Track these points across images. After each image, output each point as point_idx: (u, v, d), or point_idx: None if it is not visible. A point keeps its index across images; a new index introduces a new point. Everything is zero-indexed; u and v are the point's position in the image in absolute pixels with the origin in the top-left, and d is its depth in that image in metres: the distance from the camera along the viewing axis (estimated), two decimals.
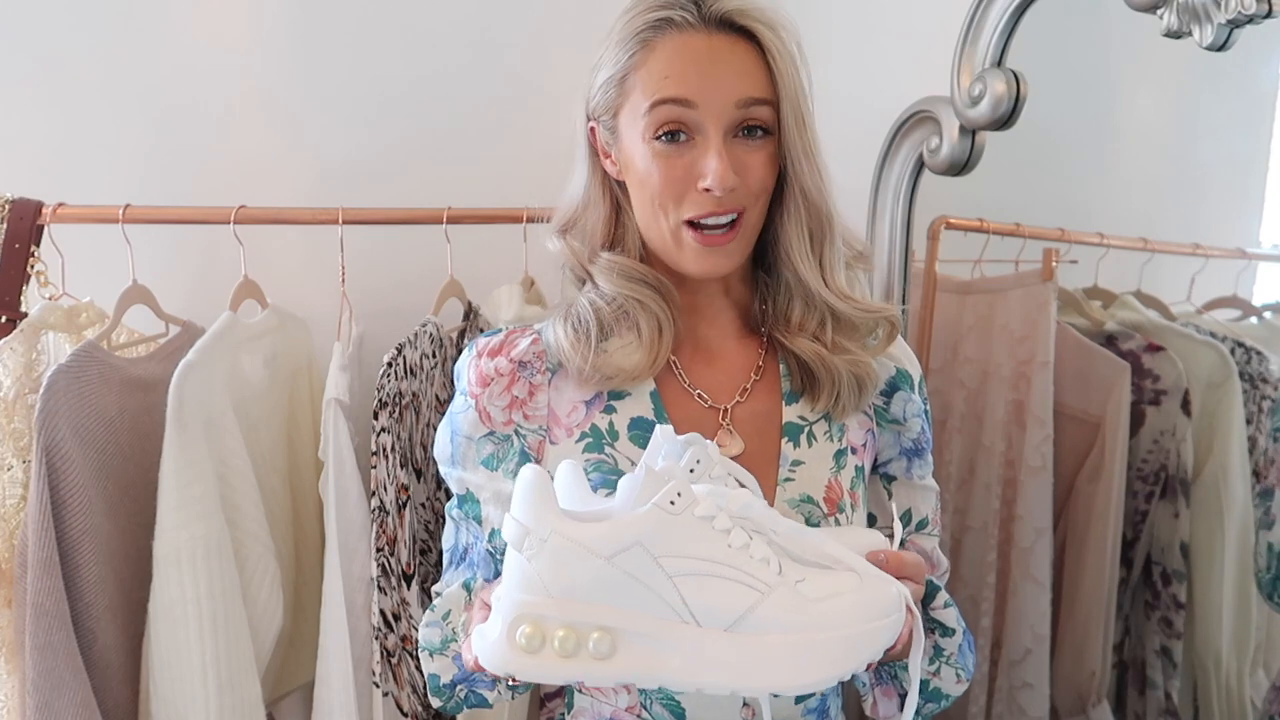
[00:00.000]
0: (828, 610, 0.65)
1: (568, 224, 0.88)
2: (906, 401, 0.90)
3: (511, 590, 0.64)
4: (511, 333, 0.88)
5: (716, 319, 0.89)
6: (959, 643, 0.84)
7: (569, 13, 1.49)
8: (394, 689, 1.14)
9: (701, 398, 0.86)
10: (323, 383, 1.17)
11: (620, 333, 0.84)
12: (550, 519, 0.64)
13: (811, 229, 0.83)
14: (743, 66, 0.78)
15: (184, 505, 1.03)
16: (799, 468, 0.84)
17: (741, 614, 0.64)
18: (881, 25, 1.42)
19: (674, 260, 0.82)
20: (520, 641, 0.63)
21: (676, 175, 0.78)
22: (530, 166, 1.38)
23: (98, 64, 1.37)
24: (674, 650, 0.64)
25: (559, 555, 0.63)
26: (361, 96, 1.45)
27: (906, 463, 0.91)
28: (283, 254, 1.37)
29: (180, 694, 1.03)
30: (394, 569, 1.13)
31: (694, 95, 0.76)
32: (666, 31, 0.78)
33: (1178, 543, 1.26)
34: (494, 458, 0.84)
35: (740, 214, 0.80)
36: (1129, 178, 1.36)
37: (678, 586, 0.63)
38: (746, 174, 0.78)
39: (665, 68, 0.77)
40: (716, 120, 0.77)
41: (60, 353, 1.13)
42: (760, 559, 0.65)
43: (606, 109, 0.82)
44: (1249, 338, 1.21)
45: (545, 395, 0.85)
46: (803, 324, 0.85)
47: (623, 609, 0.63)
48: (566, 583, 0.63)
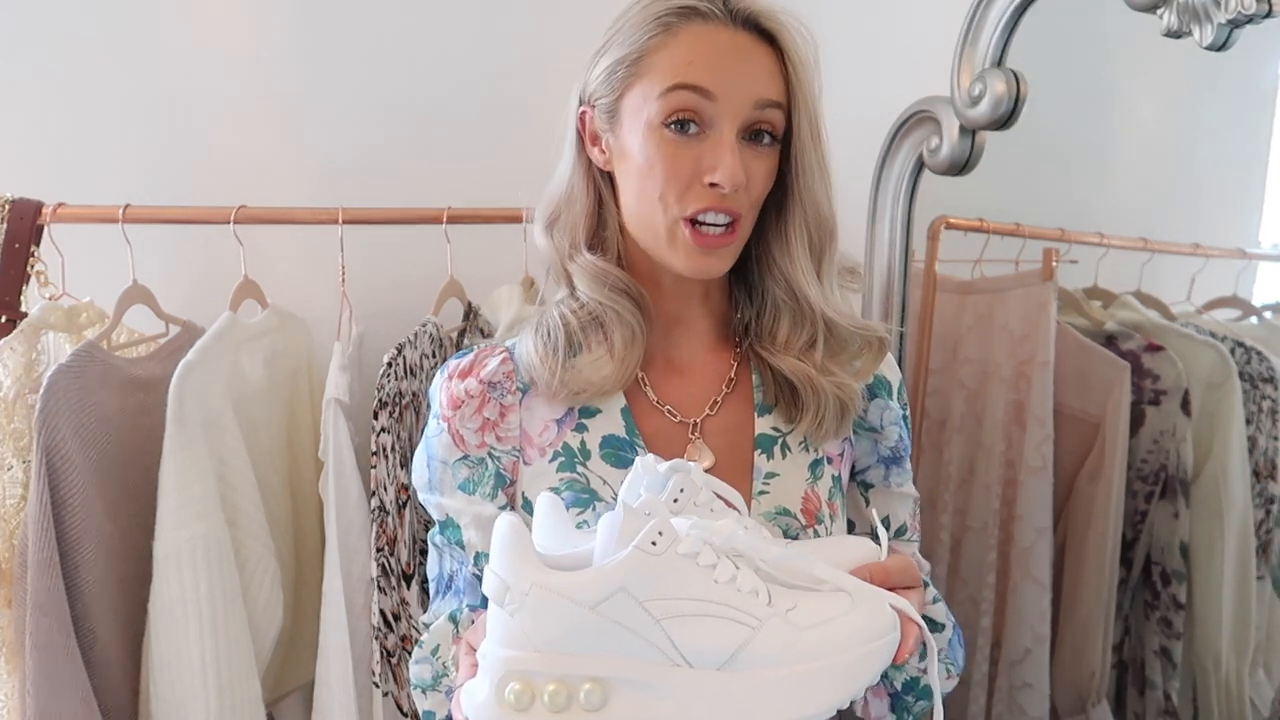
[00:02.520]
0: (822, 638, 0.63)
1: (553, 217, 0.86)
2: (884, 409, 0.88)
3: (496, 647, 0.63)
4: (481, 352, 0.86)
5: (692, 328, 0.87)
6: (948, 638, 0.84)
7: (569, 13, 1.49)
8: (394, 689, 1.14)
9: (670, 413, 0.84)
10: (323, 383, 1.17)
11: (590, 345, 0.82)
12: (529, 571, 0.61)
13: (815, 241, 0.82)
14: (763, 68, 0.77)
15: (184, 505, 1.03)
16: (773, 480, 0.82)
17: (734, 651, 0.62)
18: (881, 25, 1.42)
19: (663, 257, 0.80)
20: (510, 699, 0.61)
21: (683, 167, 0.76)
22: (530, 166, 1.38)
23: (98, 64, 1.37)
24: (667, 695, 0.62)
25: (541, 608, 0.61)
26: (362, 96, 1.45)
27: (885, 470, 0.90)
28: (283, 254, 1.37)
29: (180, 694, 1.03)
30: (394, 569, 1.13)
31: (715, 87, 0.75)
32: (692, 20, 0.77)
33: (1177, 543, 1.26)
34: (470, 481, 0.83)
35: (737, 219, 0.78)
36: (1129, 178, 1.36)
37: (666, 629, 0.61)
38: (750, 179, 0.77)
39: (689, 54, 0.76)
40: (733, 116, 0.76)
41: (60, 353, 1.13)
42: (749, 591, 0.63)
43: (610, 91, 0.80)
44: (1249, 338, 1.21)
45: (517, 416, 0.83)
46: (789, 341, 0.83)
47: (612, 657, 0.62)
48: (552, 635, 0.61)
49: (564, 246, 0.85)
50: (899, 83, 1.23)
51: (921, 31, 1.32)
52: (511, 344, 0.87)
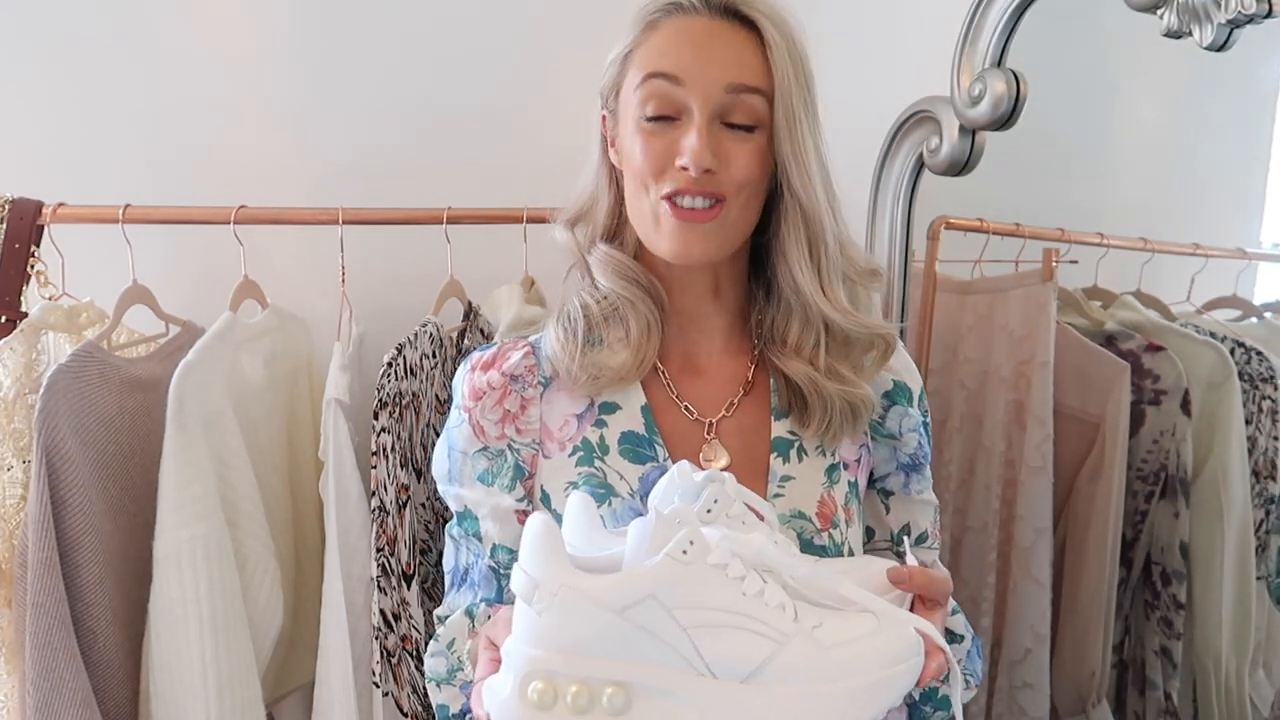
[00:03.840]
0: (846, 657, 0.63)
1: (577, 215, 0.88)
2: (903, 416, 0.88)
3: (522, 645, 0.63)
4: (504, 345, 0.87)
5: (706, 325, 0.87)
6: (967, 648, 0.84)
7: (569, 13, 1.49)
8: (394, 689, 1.14)
9: (688, 410, 0.85)
10: (323, 383, 1.17)
11: (608, 334, 0.83)
12: (559, 572, 0.61)
13: (808, 236, 0.81)
14: (739, 53, 0.77)
15: (184, 505, 1.03)
16: (789, 483, 0.83)
17: (759, 665, 0.62)
18: (882, 25, 1.42)
19: (653, 243, 0.81)
20: (532, 698, 0.61)
21: (657, 150, 0.77)
22: (530, 167, 1.38)
23: (98, 64, 1.37)
24: (690, 704, 0.62)
25: (569, 609, 0.61)
26: (362, 97, 1.45)
27: (904, 478, 0.89)
28: (283, 254, 1.37)
29: (180, 694, 1.03)
30: (394, 569, 1.13)
31: (682, 72, 0.76)
32: (673, 14, 0.79)
33: (1177, 543, 1.26)
34: (489, 473, 0.84)
35: (721, 201, 0.78)
36: (1129, 178, 1.35)
37: (692, 638, 0.61)
38: (729, 162, 0.77)
39: (663, 45, 0.78)
40: (703, 100, 0.76)
41: (60, 353, 1.13)
42: (776, 605, 0.63)
43: (611, 88, 0.83)
44: (1249, 338, 1.21)
45: (537, 409, 0.84)
46: (799, 344, 0.83)
47: (636, 663, 0.62)
48: (578, 637, 0.61)
49: (584, 241, 0.87)
50: (899, 83, 1.23)
51: (921, 31, 1.32)
52: (536, 338, 0.88)
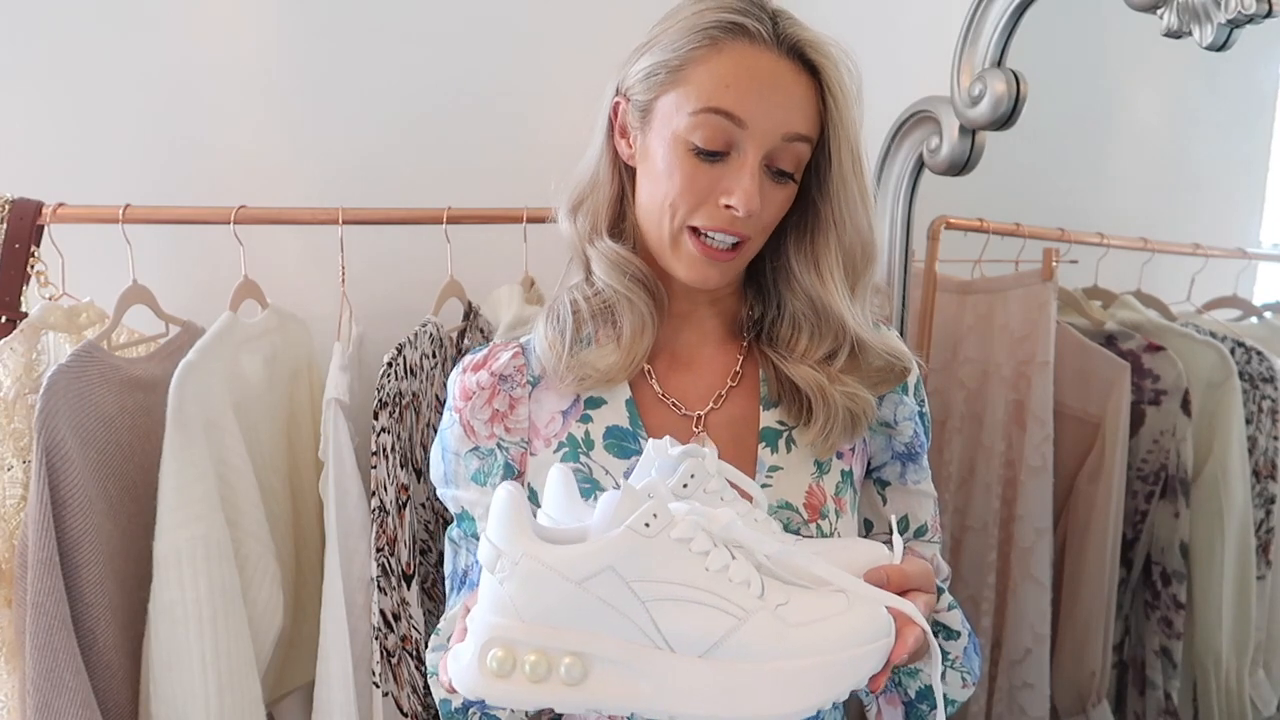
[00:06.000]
0: (809, 636, 0.62)
1: (577, 201, 0.87)
2: (898, 404, 0.88)
3: (485, 613, 0.63)
4: (495, 346, 0.88)
5: (700, 324, 0.88)
6: (964, 645, 0.83)
7: (569, 14, 1.49)
8: (394, 689, 1.14)
9: (675, 405, 0.85)
10: (323, 383, 1.17)
11: (598, 336, 0.84)
12: (523, 541, 0.62)
13: (855, 264, 0.83)
14: (800, 100, 0.77)
15: (184, 505, 1.03)
16: (776, 473, 0.83)
17: (718, 640, 0.62)
18: (881, 25, 1.42)
19: (666, 262, 0.82)
20: (491, 666, 0.61)
21: (700, 185, 0.77)
22: (530, 167, 1.38)
23: (98, 64, 1.37)
24: (646, 676, 0.62)
25: (530, 579, 0.61)
26: (362, 97, 1.45)
27: (900, 467, 0.90)
28: (283, 254, 1.37)
29: (180, 694, 1.03)
30: (394, 569, 1.13)
31: (746, 115, 0.75)
32: (738, 38, 0.76)
33: (1178, 543, 1.26)
34: (481, 472, 0.85)
35: (744, 240, 0.79)
36: (1129, 178, 1.36)
37: (650, 611, 0.61)
38: (764, 206, 0.78)
39: (729, 75, 0.75)
40: (759, 146, 0.76)
41: (60, 353, 1.13)
42: (740, 582, 0.63)
43: (647, 91, 0.79)
44: (1249, 338, 1.21)
45: (525, 408, 0.85)
46: (808, 352, 0.84)
47: (595, 634, 0.62)
48: (538, 607, 0.61)
49: (585, 230, 0.86)
50: (899, 83, 1.23)
51: (921, 31, 1.33)
52: (526, 339, 0.88)
